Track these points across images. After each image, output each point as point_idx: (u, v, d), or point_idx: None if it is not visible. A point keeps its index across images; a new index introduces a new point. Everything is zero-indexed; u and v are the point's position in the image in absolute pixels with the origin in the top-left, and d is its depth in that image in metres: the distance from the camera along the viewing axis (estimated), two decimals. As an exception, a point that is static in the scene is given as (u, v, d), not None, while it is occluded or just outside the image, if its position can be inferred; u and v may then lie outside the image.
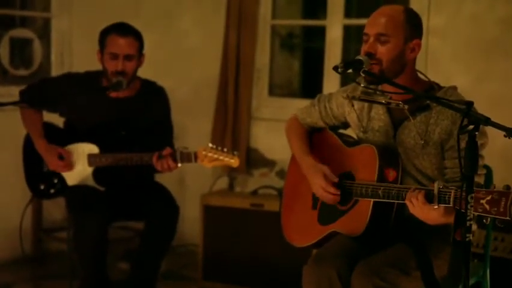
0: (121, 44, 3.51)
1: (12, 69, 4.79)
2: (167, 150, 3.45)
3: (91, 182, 3.62)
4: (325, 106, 2.83)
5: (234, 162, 3.42)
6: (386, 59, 2.48)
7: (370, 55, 2.47)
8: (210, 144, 3.46)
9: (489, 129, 2.02)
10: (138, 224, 3.84)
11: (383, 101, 2.53)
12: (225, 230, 4.16)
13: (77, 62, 4.65)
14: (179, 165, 3.48)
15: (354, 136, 2.81)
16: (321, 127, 2.89)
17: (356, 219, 2.55)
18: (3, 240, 4.42)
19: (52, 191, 3.71)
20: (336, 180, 2.65)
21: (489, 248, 2.85)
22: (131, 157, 3.52)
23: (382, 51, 2.47)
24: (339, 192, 2.64)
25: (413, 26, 2.52)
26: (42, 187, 3.71)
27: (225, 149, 3.46)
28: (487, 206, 2.06)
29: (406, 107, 2.48)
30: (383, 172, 2.51)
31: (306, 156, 2.81)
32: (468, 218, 1.96)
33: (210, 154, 3.41)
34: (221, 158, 3.42)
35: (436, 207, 2.25)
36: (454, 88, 2.57)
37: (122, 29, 3.56)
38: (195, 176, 4.91)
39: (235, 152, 3.47)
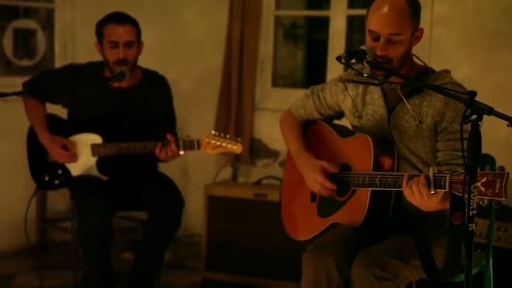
0: (119, 32, 3.52)
1: (16, 60, 4.80)
2: (170, 137, 3.46)
3: (95, 172, 3.63)
4: (318, 96, 2.82)
5: (237, 148, 3.42)
6: (398, 57, 2.46)
7: (384, 58, 2.44)
8: (213, 131, 3.47)
9: (492, 120, 2.02)
10: (141, 214, 3.85)
11: (376, 82, 2.52)
12: (228, 220, 4.17)
13: (80, 52, 4.65)
14: (181, 152, 3.48)
15: (349, 126, 2.81)
16: (316, 118, 2.88)
17: (355, 209, 2.56)
18: (7, 231, 4.44)
19: (57, 182, 3.71)
20: (336, 170, 2.66)
21: (492, 238, 2.85)
22: (134, 146, 3.53)
23: (395, 50, 2.44)
24: (335, 187, 2.64)
25: (416, 15, 2.49)
26: (46, 178, 3.72)
27: (228, 136, 3.46)
28: (483, 188, 2.06)
29: (399, 86, 2.47)
30: (378, 161, 2.51)
31: (301, 151, 2.81)
32: (472, 207, 1.96)
33: (212, 141, 3.42)
34: (224, 144, 3.42)
35: (433, 192, 2.25)
36: (447, 71, 2.57)
37: (119, 18, 3.57)
38: (199, 166, 4.92)
39: (238, 139, 3.47)
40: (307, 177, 2.71)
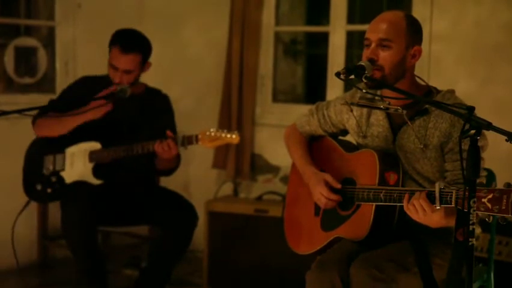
0: (121, 61, 3.52)
1: (17, 77, 4.81)
2: (169, 132, 3.47)
3: (90, 178, 3.61)
4: (323, 114, 2.84)
5: (235, 138, 3.44)
6: (388, 65, 2.48)
7: (372, 61, 2.48)
8: (211, 129, 3.49)
9: (493, 134, 2.03)
10: (142, 230, 3.84)
11: (382, 106, 2.54)
12: (229, 236, 4.17)
13: (81, 70, 4.65)
14: (180, 148, 3.48)
15: (354, 142, 2.82)
16: (321, 135, 2.90)
17: (359, 224, 2.56)
18: (8, 249, 4.42)
19: (49, 190, 3.68)
20: (339, 186, 2.67)
21: (493, 252, 2.85)
22: (132, 148, 3.53)
23: (384, 56, 2.48)
24: (340, 198, 2.65)
25: (414, 32, 2.53)
26: (39, 187, 3.69)
27: (225, 130, 3.49)
28: (489, 205, 2.08)
29: (405, 112, 2.49)
30: (383, 176, 2.52)
31: (308, 165, 2.82)
32: (471, 222, 1.97)
33: (211, 134, 3.44)
34: (223, 135, 3.44)
35: (438, 207, 2.26)
36: (452, 92, 2.58)
37: (126, 45, 3.54)
38: (200, 182, 4.92)
39: (236, 132, 3.49)
40: (313, 191, 2.72)
